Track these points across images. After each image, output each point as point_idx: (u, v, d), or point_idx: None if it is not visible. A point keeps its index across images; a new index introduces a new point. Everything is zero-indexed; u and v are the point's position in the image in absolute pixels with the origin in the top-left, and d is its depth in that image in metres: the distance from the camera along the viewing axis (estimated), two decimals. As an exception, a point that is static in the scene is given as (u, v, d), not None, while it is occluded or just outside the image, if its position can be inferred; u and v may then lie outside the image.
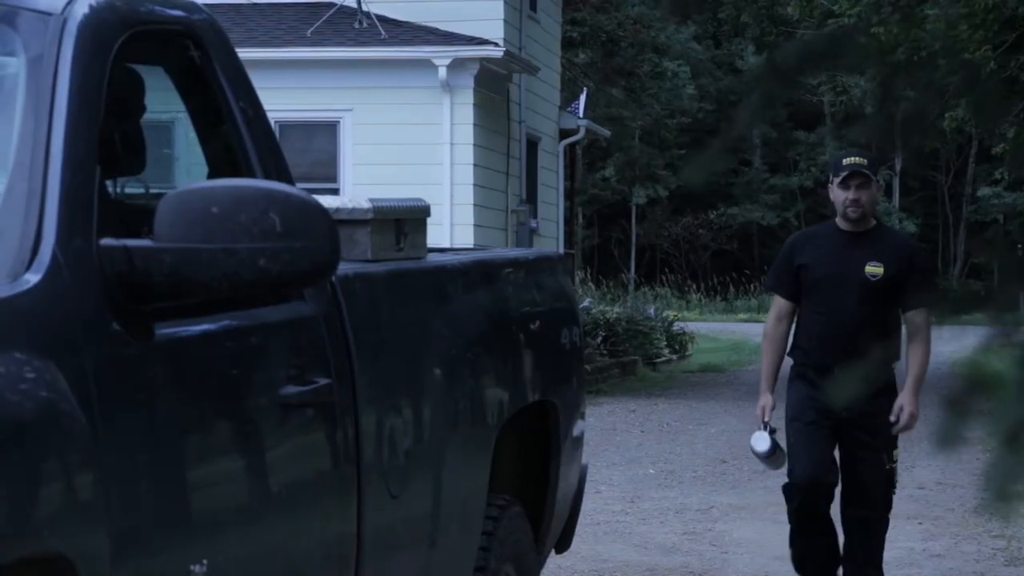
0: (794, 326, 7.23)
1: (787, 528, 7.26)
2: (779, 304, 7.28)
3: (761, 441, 7.20)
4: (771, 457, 7.21)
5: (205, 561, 3.29)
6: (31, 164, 3.17)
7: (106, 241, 3.17)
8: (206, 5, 3.98)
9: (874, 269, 7.01)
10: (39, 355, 2.90)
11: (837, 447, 7.13)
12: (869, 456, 7.08)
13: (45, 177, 3.16)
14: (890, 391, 6.99)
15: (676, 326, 25.67)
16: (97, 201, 3.25)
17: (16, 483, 2.75)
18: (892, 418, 6.96)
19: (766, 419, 7.24)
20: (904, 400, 6.99)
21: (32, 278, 3.03)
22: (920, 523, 10.11)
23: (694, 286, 44.39)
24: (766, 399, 7.29)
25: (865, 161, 7.08)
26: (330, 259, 3.26)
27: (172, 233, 3.17)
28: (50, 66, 3.29)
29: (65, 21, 3.35)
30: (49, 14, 3.36)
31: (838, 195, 7.08)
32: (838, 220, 7.15)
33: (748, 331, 27.97)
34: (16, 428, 2.78)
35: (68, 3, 3.39)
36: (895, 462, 7.12)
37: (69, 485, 2.88)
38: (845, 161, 7.10)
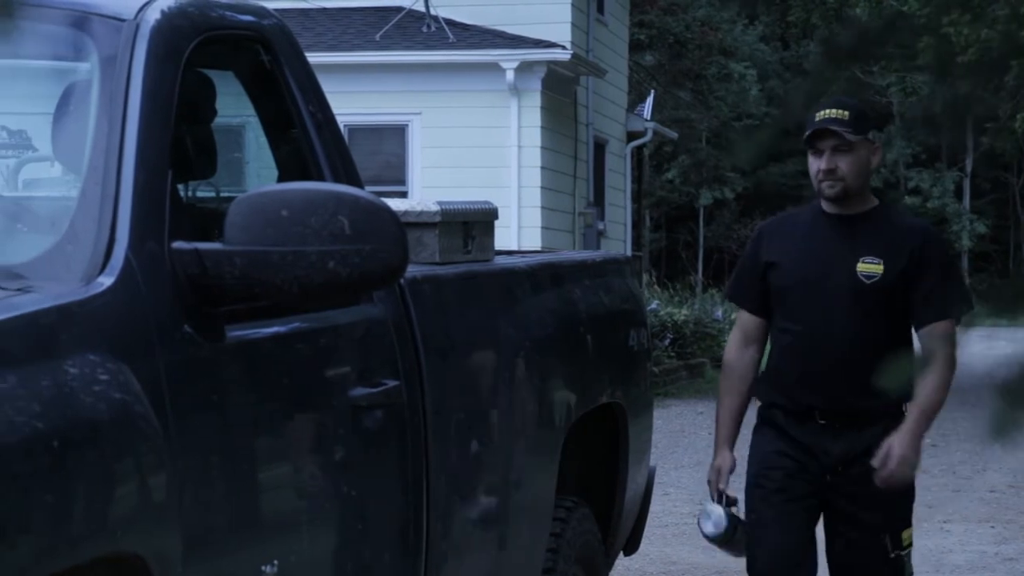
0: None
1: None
2: (744, 322, 5.16)
3: (712, 520, 5.03)
4: (728, 542, 5.05)
5: (276, 562, 3.31)
6: (104, 168, 3.20)
7: (178, 244, 3.20)
8: (276, 10, 4.01)
9: (870, 267, 4.93)
10: (112, 357, 2.93)
11: (822, 521, 5.04)
12: (864, 539, 4.96)
13: (118, 181, 3.20)
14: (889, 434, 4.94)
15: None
16: (169, 205, 3.28)
17: (90, 483, 2.78)
18: (875, 463, 4.85)
19: (721, 487, 5.06)
20: (897, 440, 4.86)
21: (105, 281, 3.06)
22: (992, 526, 10.04)
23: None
24: (722, 459, 5.08)
25: (845, 114, 4.91)
26: (399, 262, 3.27)
27: (243, 236, 3.19)
28: (123, 71, 3.32)
29: (138, 26, 3.39)
30: (122, 19, 3.40)
31: (810, 166, 5.00)
32: (822, 201, 5.05)
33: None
34: (90, 429, 2.81)
35: (141, 9, 3.42)
36: (906, 548, 5.00)
37: (143, 485, 2.91)
38: (817, 116, 4.95)
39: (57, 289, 3.01)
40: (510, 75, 18.64)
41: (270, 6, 3.99)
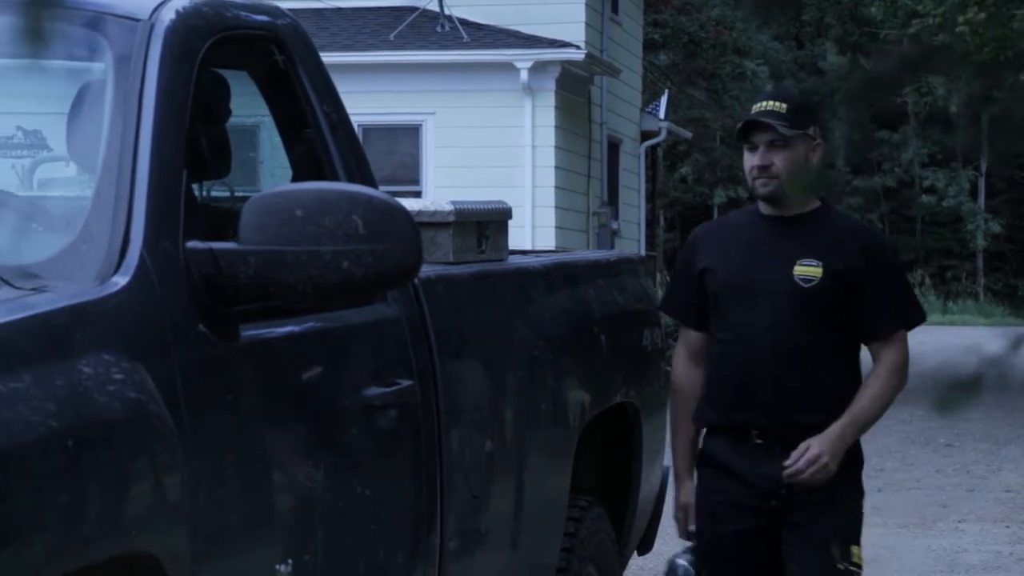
0: None
1: (872, 530, 7.06)
2: (687, 338, 4.83)
3: (680, 567, 4.77)
4: None
5: (290, 561, 3.32)
6: (119, 168, 3.21)
7: (192, 244, 3.21)
8: (290, 10, 4.01)
9: (807, 270, 4.56)
10: (127, 356, 2.93)
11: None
12: (810, 553, 4.59)
13: (133, 181, 3.20)
14: (848, 460, 4.58)
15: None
16: (183, 204, 3.29)
17: (105, 483, 2.78)
18: (788, 462, 4.51)
19: (691, 527, 4.80)
20: (817, 440, 4.51)
21: (120, 280, 3.07)
22: (1007, 526, 10.02)
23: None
24: (686, 494, 4.81)
25: (783, 106, 4.60)
26: (413, 262, 3.27)
27: (257, 236, 3.20)
28: (138, 70, 3.33)
29: (153, 26, 3.39)
30: (137, 19, 3.40)
31: (745, 162, 4.68)
32: (759, 203, 4.74)
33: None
34: (105, 428, 2.81)
35: (156, 9, 3.43)
36: (856, 564, 4.61)
37: (157, 485, 2.91)
38: (754, 108, 4.69)
39: (72, 289, 3.01)
40: (524, 75, 18.64)
41: (284, 6, 3.99)
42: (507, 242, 4.83)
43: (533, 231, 18.46)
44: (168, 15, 3.43)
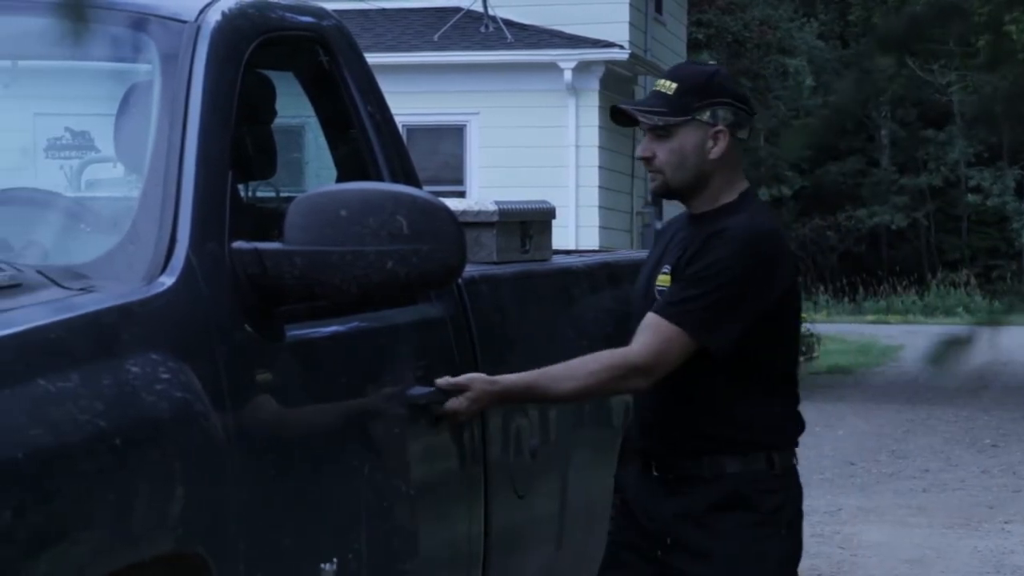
0: None
1: (917, 530, 6.97)
2: None
3: None
4: None
5: (335, 560, 3.33)
6: (165, 169, 3.23)
7: (238, 244, 3.22)
8: (335, 11, 4.03)
9: (662, 279, 3.88)
10: (173, 356, 2.95)
11: None
12: None
13: (179, 181, 3.22)
14: (737, 503, 3.79)
15: (803, 327, 25.46)
16: (229, 205, 3.30)
17: (151, 482, 2.80)
18: (440, 381, 3.74)
19: None
20: (477, 377, 3.78)
21: (166, 281, 3.09)
22: (1053, 527, 9.97)
23: (821, 287, 44.01)
24: None
25: (671, 86, 3.89)
26: (457, 262, 3.28)
27: (302, 236, 3.21)
28: (184, 72, 3.34)
29: (199, 28, 3.41)
30: (183, 21, 3.42)
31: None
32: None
33: (877, 333, 27.72)
34: (151, 428, 2.83)
35: (202, 10, 3.45)
36: None
37: (203, 484, 2.93)
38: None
39: (119, 289, 3.03)
40: (568, 75, 18.63)
41: (329, 7, 4.01)
42: (551, 242, 4.83)
43: (577, 231, 18.45)
44: (214, 16, 3.45)
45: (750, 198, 3.96)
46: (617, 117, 3.99)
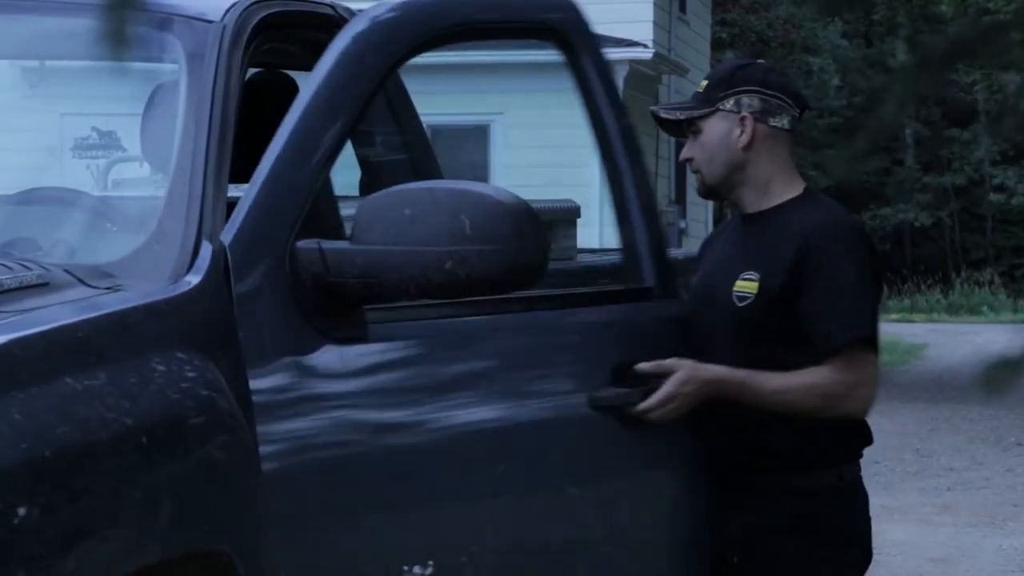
0: None
1: (941, 529, 6.96)
2: None
3: None
4: None
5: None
6: (191, 168, 3.24)
7: (303, 243, 3.17)
8: (357, 11, 4.04)
9: (744, 285, 3.77)
10: (199, 354, 2.96)
11: None
12: None
13: (205, 180, 3.23)
14: (806, 520, 3.75)
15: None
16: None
17: (177, 480, 2.81)
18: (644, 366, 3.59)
19: None
20: (684, 361, 3.61)
21: (193, 279, 3.09)
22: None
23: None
24: None
25: (704, 84, 3.91)
26: (523, 263, 3.12)
27: (367, 235, 3.14)
28: (210, 71, 3.35)
29: (225, 27, 3.42)
30: (209, 21, 3.44)
31: None
32: None
33: (901, 331, 27.66)
34: (178, 425, 2.84)
35: (227, 10, 3.46)
36: None
37: (229, 483, 2.93)
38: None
39: (145, 288, 3.04)
40: (592, 74, 18.63)
41: (353, 7, 4.02)
42: (575, 241, 4.83)
43: (601, 229, 18.45)
44: (240, 17, 3.46)
45: (815, 193, 3.88)
46: (662, 125, 3.98)
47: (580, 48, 3.76)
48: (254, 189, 3.21)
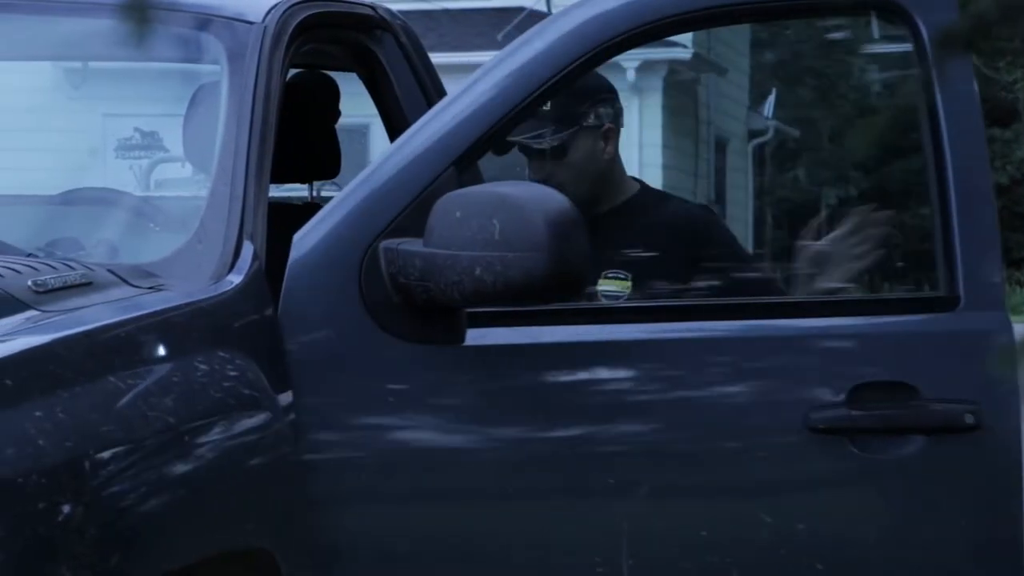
0: None
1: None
2: None
3: None
4: None
5: None
6: (233, 168, 3.25)
7: (386, 242, 3.14)
8: (399, 11, 4.06)
9: (612, 284, 3.85)
10: (241, 353, 2.97)
11: None
12: None
13: (246, 181, 3.24)
14: None
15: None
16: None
17: (218, 477, 2.82)
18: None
19: None
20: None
21: (235, 279, 3.11)
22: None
23: (886, 286, 43.79)
24: None
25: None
26: (547, 271, 2.98)
27: (429, 237, 3.08)
28: (251, 72, 3.37)
29: (266, 28, 3.44)
30: (251, 22, 3.45)
31: None
32: None
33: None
34: (219, 424, 2.85)
35: (268, 11, 3.48)
36: None
37: (271, 481, 2.95)
38: None
39: (187, 287, 3.06)
40: (631, 74, 18.63)
41: (393, 7, 4.04)
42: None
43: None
44: (280, 18, 3.48)
45: (648, 186, 3.95)
46: (532, 156, 3.84)
47: (919, 23, 3.38)
48: (253, 195, 3.19)
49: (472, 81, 3.31)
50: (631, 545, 3.15)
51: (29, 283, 2.85)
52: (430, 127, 3.23)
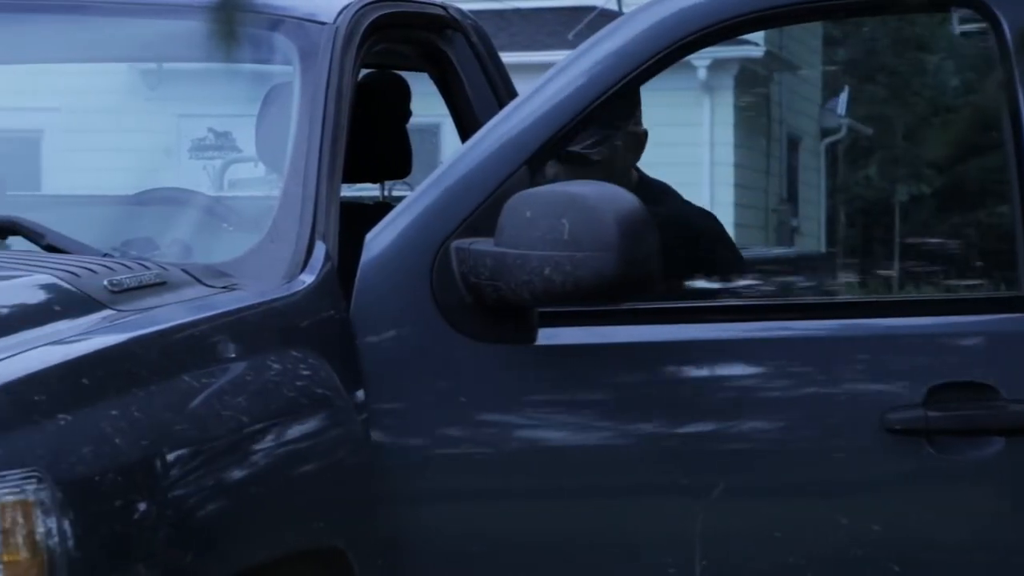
0: None
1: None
2: None
3: None
4: None
5: None
6: (305, 168, 3.27)
7: (457, 242, 3.13)
8: (470, 11, 4.07)
9: None
10: (314, 352, 2.99)
11: None
12: None
13: (318, 181, 3.26)
14: None
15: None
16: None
17: (291, 476, 2.83)
18: None
19: None
20: None
21: (307, 278, 3.12)
22: None
23: (964, 285, 43.40)
24: None
25: None
26: (615, 271, 2.97)
27: (500, 237, 3.08)
28: (323, 72, 3.39)
29: (338, 29, 3.46)
30: (323, 23, 3.47)
31: None
32: None
33: None
34: (292, 423, 2.87)
35: (340, 12, 3.49)
36: None
37: (343, 480, 2.96)
38: None
39: (260, 287, 3.07)
40: (702, 73, 18.59)
41: (464, 7, 4.05)
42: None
43: (712, 229, 18.39)
44: (352, 18, 3.50)
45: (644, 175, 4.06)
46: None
47: (1000, 17, 3.31)
48: (325, 194, 3.19)
49: (544, 81, 3.30)
50: (705, 545, 3.14)
51: (105, 283, 2.87)
52: (501, 127, 3.23)
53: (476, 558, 3.13)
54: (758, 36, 19.22)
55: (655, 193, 4.19)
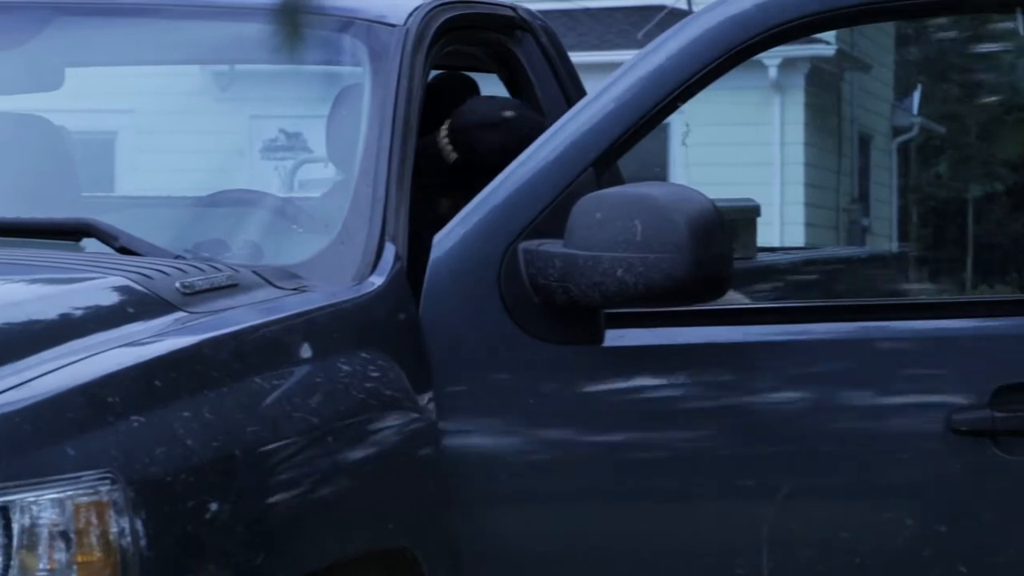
0: None
1: None
2: None
3: None
4: None
5: None
6: (375, 170, 3.28)
7: (524, 244, 3.13)
8: (540, 11, 4.07)
9: None
10: (383, 354, 3.00)
11: None
12: None
13: (388, 182, 3.27)
14: None
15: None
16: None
17: (361, 477, 2.85)
18: None
19: None
20: None
21: (376, 280, 3.13)
22: None
23: (1033, 285, 43.01)
24: None
25: None
26: (686, 273, 2.98)
27: (569, 238, 3.08)
28: (393, 74, 3.40)
29: (408, 31, 3.47)
30: (393, 24, 3.48)
31: None
32: None
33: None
34: (362, 424, 2.88)
35: (410, 14, 3.51)
36: None
37: (413, 481, 2.97)
38: None
39: (330, 288, 3.08)
40: (773, 72, 18.50)
41: (534, 7, 4.05)
42: (756, 239, 4.81)
43: (782, 228, 18.30)
44: (422, 20, 3.51)
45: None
46: None
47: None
48: (395, 196, 3.20)
49: (611, 80, 3.30)
50: (770, 548, 3.13)
51: (177, 285, 2.89)
52: (569, 127, 3.23)
53: (543, 561, 3.13)
54: (829, 34, 19.13)
55: None
